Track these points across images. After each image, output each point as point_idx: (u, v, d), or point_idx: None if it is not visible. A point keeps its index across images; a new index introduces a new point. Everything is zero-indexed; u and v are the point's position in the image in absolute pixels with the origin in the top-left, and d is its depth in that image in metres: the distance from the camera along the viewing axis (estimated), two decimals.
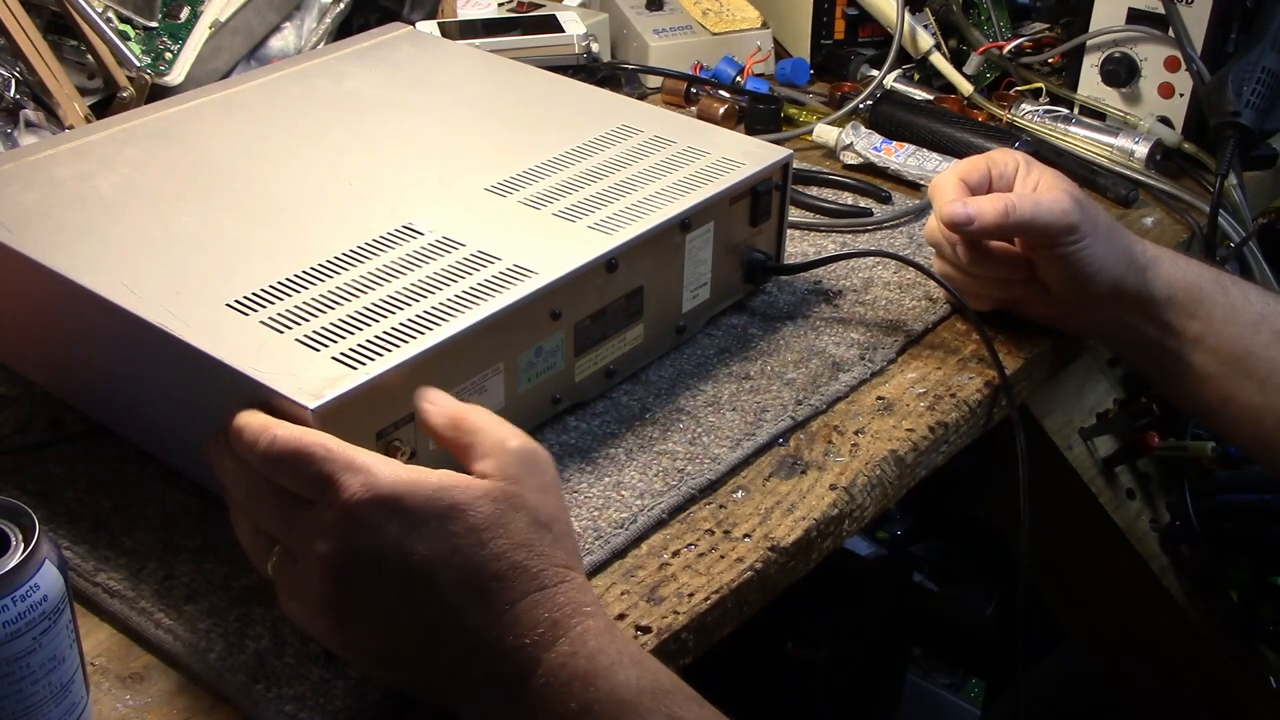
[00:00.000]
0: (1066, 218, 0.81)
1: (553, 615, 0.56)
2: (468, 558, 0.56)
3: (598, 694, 0.55)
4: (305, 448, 0.57)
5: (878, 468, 0.77)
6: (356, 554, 0.56)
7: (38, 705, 0.54)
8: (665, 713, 0.55)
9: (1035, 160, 0.88)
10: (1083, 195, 0.84)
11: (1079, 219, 0.81)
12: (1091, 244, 0.82)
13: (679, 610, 0.67)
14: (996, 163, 0.87)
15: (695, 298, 0.85)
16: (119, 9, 1.08)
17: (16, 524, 0.54)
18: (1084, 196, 0.84)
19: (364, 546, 0.56)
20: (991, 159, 0.87)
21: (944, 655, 1.64)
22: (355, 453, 0.57)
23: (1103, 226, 0.83)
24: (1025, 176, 0.86)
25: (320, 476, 0.56)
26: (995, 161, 0.87)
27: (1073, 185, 0.85)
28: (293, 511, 0.58)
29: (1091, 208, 0.83)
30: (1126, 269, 0.84)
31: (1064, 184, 0.84)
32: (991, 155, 0.88)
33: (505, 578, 0.56)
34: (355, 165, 0.84)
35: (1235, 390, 0.85)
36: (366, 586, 0.56)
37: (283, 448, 0.58)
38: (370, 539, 0.56)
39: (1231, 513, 1.09)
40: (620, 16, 1.27)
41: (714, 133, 0.90)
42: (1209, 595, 1.10)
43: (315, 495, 0.57)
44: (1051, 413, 1.05)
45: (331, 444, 0.57)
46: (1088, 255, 0.82)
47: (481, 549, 0.56)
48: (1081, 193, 0.84)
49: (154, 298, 0.69)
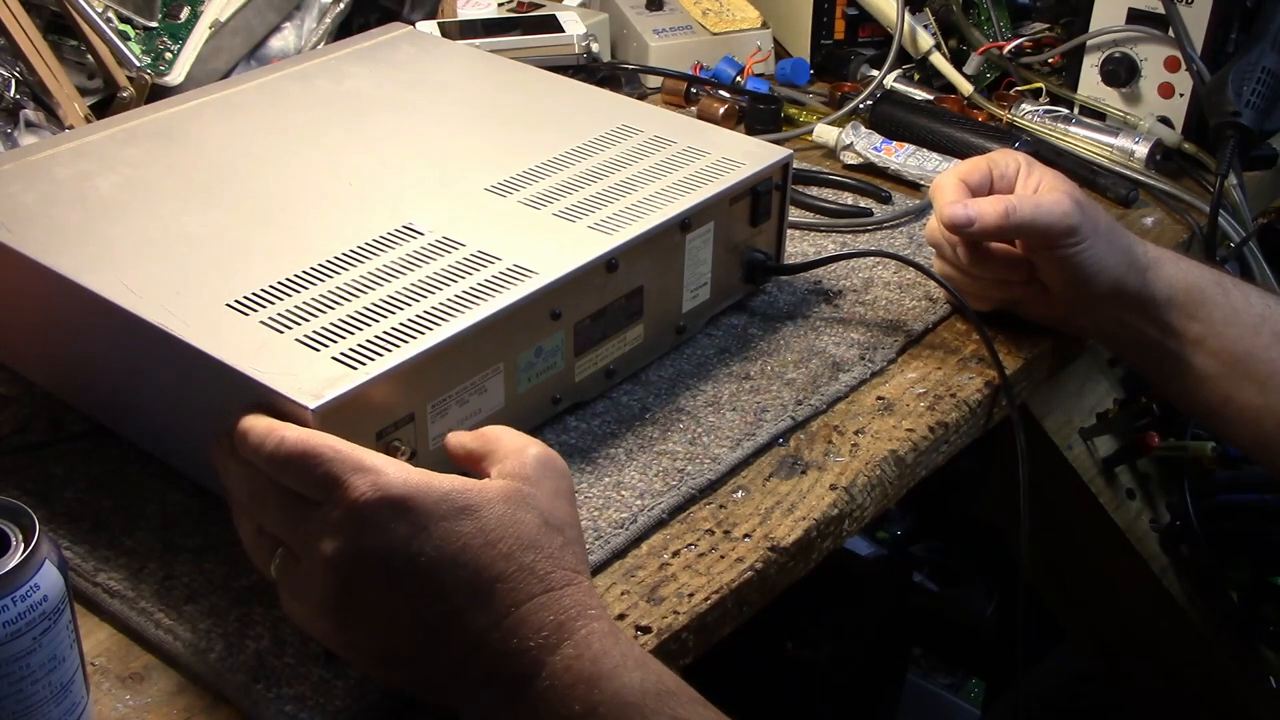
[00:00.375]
0: (1067, 219, 0.81)
1: (558, 618, 0.56)
2: (475, 558, 0.56)
3: (602, 696, 0.55)
4: (313, 449, 0.57)
5: (878, 468, 0.77)
6: (362, 554, 0.56)
7: (38, 705, 0.54)
8: (670, 714, 0.55)
9: (1036, 161, 0.88)
10: (1084, 196, 0.84)
11: (1079, 220, 0.81)
12: (1092, 245, 0.82)
13: (679, 610, 0.67)
14: (997, 164, 0.87)
15: (695, 298, 0.85)
16: (119, 9, 1.08)
17: (16, 524, 0.54)
18: (1085, 198, 0.84)
19: (370, 546, 0.56)
20: (993, 160, 0.87)
21: (944, 655, 1.64)
22: (364, 454, 0.57)
23: (1103, 228, 0.83)
24: (1026, 178, 0.86)
25: (328, 477, 0.56)
26: (996, 162, 0.87)
27: (1073, 186, 0.85)
28: (298, 512, 0.58)
29: (1092, 209, 0.83)
30: (1127, 270, 0.84)
31: (1065, 185, 0.84)
32: (992, 156, 0.88)
33: (512, 579, 0.56)
34: (355, 165, 0.84)
35: (1235, 391, 0.85)
36: (371, 586, 0.56)
37: (290, 449, 0.58)
38: (377, 539, 0.56)
39: (1231, 513, 1.09)
40: (620, 16, 1.27)
41: (714, 133, 0.90)
42: (1209, 595, 1.10)
43: (322, 496, 0.57)
44: (1051, 413, 1.05)
45: (340, 445, 0.58)
46: (1088, 257, 0.82)
47: (490, 549, 0.56)
48: (1082, 194, 0.84)
49: (154, 298, 0.69)
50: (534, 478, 0.59)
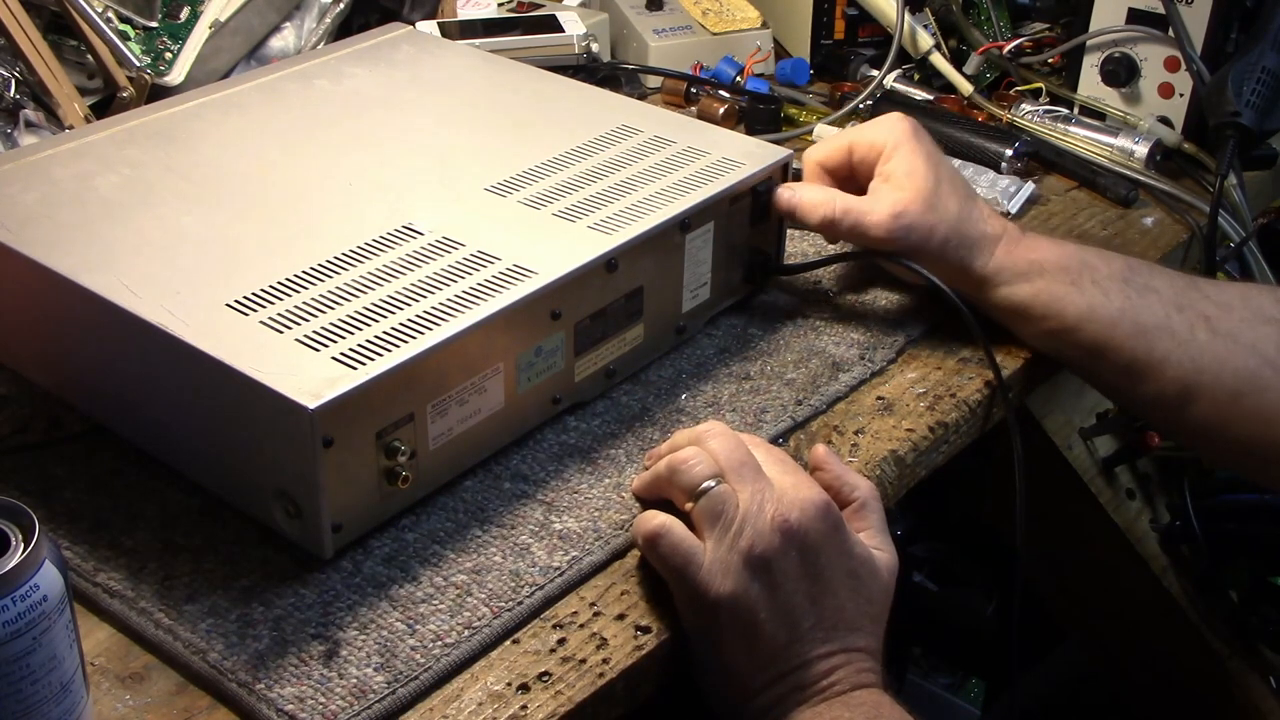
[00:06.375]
0: (885, 240, 0.83)
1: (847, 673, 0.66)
2: (868, 598, 0.68)
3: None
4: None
5: (878, 468, 0.77)
6: (808, 533, 0.65)
7: (37, 705, 0.54)
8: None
9: (906, 142, 0.84)
10: (919, 208, 0.82)
11: (900, 236, 0.82)
12: (919, 260, 0.83)
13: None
14: (859, 148, 0.86)
15: (695, 298, 0.85)
16: (119, 9, 1.08)
17: (16, 524, 0.54)
18: (920, 209, 0.82)
19: (815, 529, 0.65)
20: (856, 144, 0.86)
21: (944, 655, 1.64)
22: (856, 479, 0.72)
23: (935, 244, 0.82)
24: (882, 166, 0.85)
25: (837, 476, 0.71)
26: (858, 147, 0.86)
27: (921, 189, 0.83)
28: (773, 475, 0.67)
29: (924, 222, 0.82)
30: (965, 285, 0.84)
31: (908, 189, 0.83)
32: (858, 138, 0.86)
33: (850, 618, 0.66)
34: (355, 165, 0.84)
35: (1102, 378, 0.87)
36: (789, 559, 0.65)
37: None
38: (823, 530, 0.66)
39: (1231, 513, 1.09)
40: (620, 16, 1.27)
41: (714, 133, 0.90)
42: (1209, 595, 1.10)
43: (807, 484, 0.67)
44: (1051, 413, 1.05)
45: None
46: (918, 267, 0.84)
47: (886, 597, 0.69)
48: (924, 202, 0.82)
49: (154, 298, 0.69)
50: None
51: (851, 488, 0.71)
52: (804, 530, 0.65)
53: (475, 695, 0.62)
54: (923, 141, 0.85)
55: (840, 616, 0.66)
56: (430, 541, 0.69)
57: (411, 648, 0.63)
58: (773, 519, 0.65)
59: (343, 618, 0.65)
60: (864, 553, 0.67)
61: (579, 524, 0.71)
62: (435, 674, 0.62)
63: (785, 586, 0.65)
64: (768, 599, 0.64)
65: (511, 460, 0.75)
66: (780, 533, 0.65)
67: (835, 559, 0.66)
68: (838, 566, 0.66)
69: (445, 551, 0.69)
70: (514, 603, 0.66)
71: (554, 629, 0.65)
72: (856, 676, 0.65)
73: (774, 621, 0.64)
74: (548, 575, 0.67)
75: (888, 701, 0.65)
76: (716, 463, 0.67)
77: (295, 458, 0.64)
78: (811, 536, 0.65)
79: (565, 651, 0.64)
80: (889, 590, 0.68)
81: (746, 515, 0.65)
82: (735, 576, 0.64)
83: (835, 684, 0.65)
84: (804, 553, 0.65)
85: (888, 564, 0.69)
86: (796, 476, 0.67)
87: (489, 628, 0.64)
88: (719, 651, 0.66)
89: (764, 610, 0.64)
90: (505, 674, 0.63)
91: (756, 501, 0.65)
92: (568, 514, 0.71)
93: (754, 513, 0.65)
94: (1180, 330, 0.81)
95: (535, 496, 0.73)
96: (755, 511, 0.65)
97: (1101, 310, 0.82)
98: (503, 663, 0.63)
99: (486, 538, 0.70)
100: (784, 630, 0.64)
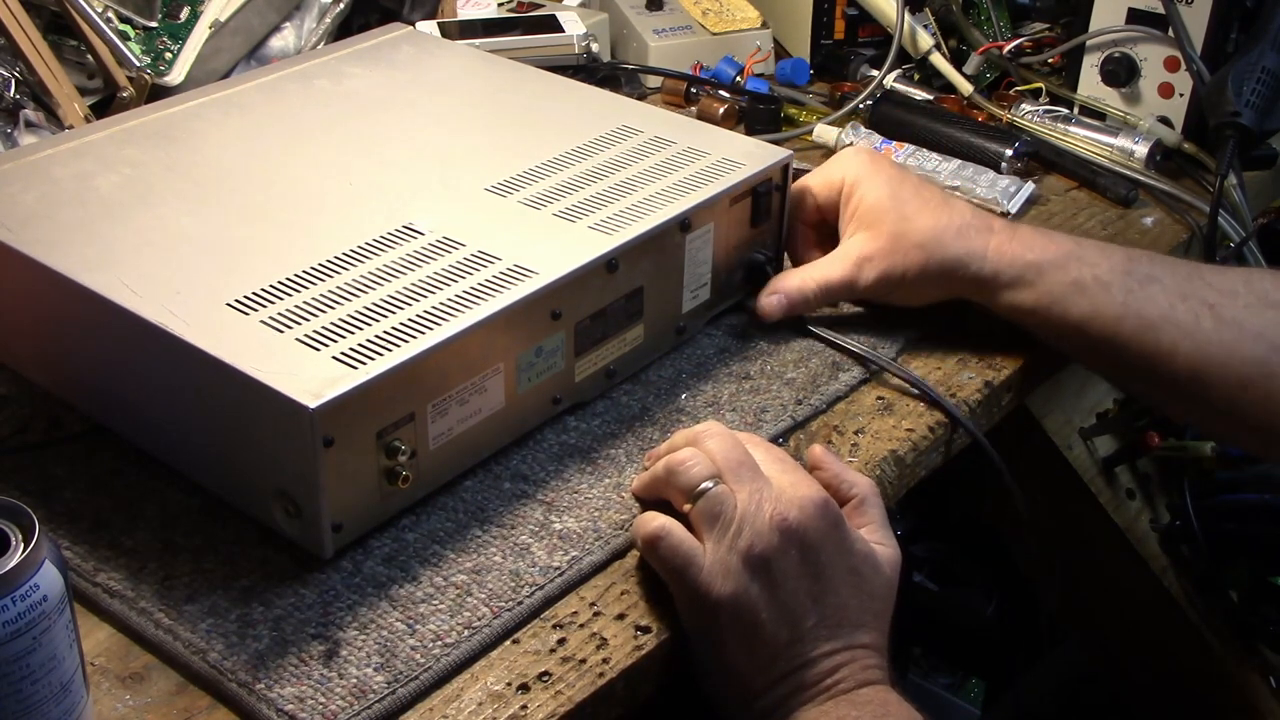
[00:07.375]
0: (869, 291, 0.85)
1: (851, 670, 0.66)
2: (871, 593, 0.67)
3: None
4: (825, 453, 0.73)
5: (878, 468, 0.77)
6: (807, 531, 0.65)
7: (37, 705, 0.54)
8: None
9: (864, 179, 0.85)
10: (885, 245, 0.83)
11: (866, 282, 0.84)
12: (894, 294, 0.85)
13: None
14: (819, 192, 0.88)
15: (695, 298, 0.85)
16: (119, 9, 1.08)
17: (16, 524, 0.54)
18: (887, 247, 0.83)
19: (813, 528, 0.66)
20: (812, 190, 0.88)
21: (944, 655, 1.64)
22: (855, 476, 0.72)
23: (916, 270, 0.83)
24: (845, 206, 0.86)
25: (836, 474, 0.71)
26: (818, 191, 0.88)
27: (882, 227, 0.84)
28: (763, 480, 0.67)
29: (897, 262, 0.83)
30: (967, 292, 0.84)
31: (872, 227, 0.84)
32: (811, 184, 0.88)
33: (854, 614, 0.66)
34: (355, 165, 0.84)
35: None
36: (789, 556, 0.65)
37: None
38: (822, 529, 0.66)
39: (1231, 513, 1.09)
40: (620, 16, 1.27)
41: (714, 133, 0.90)
42: (1209, 595, 1.11)
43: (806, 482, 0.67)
44: (1051, 413, 1.05)
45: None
46: (891, 300, 0.85)
47: (889, 592, 0.68)
48: (887, 239, 0.83)
49: (154, 298, 0.69)
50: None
51: (850, 485, 0.71)
52: (803, 528, 0.65)
53: (475, 695, 0.62)
54: (880, 169, 0.85)
55: (843, 614, 0.66)
56: (430, 541, 0.69)
57: (411, 648, 0.63)
58: (771, 518, 0.65)
59: (343, 618, 0.65)
60: (865, 549, 0.67)
61: (579, 524, 0.71)
62: (435, 674, 0.62)
63: (786, 585, 0.65)
64: (768, 598, 0.64)
65: (511, 460, 0.75)
66: (779, 531, 0.65)
67: (836, 556, 0.66)
68: (839, 564, 0.66)
69: (445, 551, 0.69)
70: (514, 603, 0.66)
71: (554, 629, 0.65)
72: (862, 674, 0.65)
73: (775, 621, 0.64)
74: (548, 575, 0.67)
75: (895, 698, 0.65)
76: (714, 463, 0.67)
77: (295, 457, 0.64)
78: (811, 534, 0.65)
79: (565, 651, 0.64)
80: (892, 585, 0.68)
81: (745, 515, 0.65)
82: (735, 577, 0.64)
83: (840, 682, 0.65)
84: (804, 551, 0.65)
85: (890, 559, 0.69)
86: (795, 475, 0.67)
87: (489, 628, 0.64)
88: (721, 653, 0.66)
89: (765, 610, 0.64)
90: (505, 674, 0.63)
91: (754, 501, 0.65)
92: (568, 514, 0.71)
93: (752, 512, 0.65)
94: (1185, 320, 0.80)
95: (535, 496, 0.73)
96: (753, 511, 0.65)
97: (1105, 309, 0.81)
98: (503, 663, 0.63)
99: (486, 538, 0.70)
100: (786, 630, 0.65)
